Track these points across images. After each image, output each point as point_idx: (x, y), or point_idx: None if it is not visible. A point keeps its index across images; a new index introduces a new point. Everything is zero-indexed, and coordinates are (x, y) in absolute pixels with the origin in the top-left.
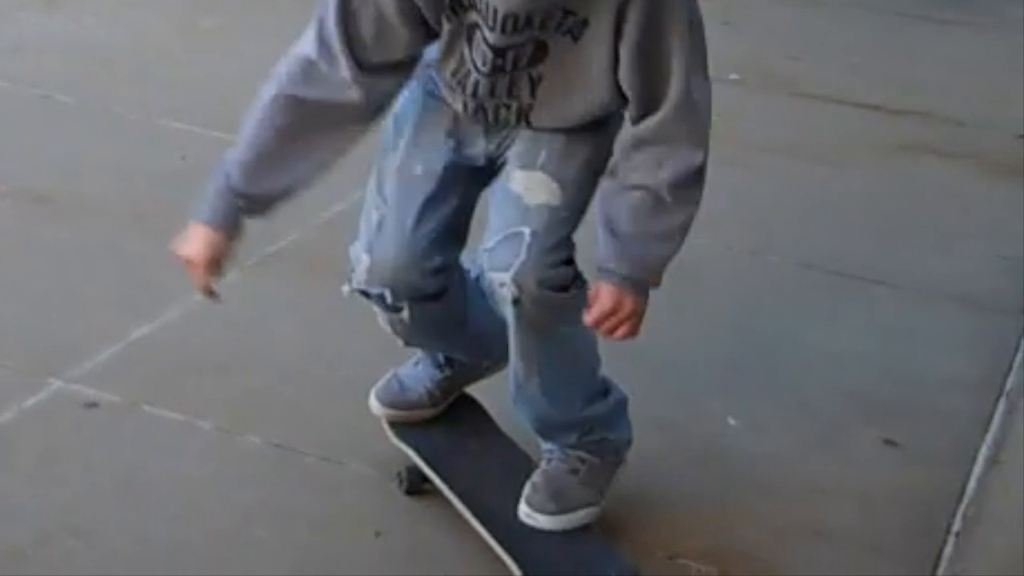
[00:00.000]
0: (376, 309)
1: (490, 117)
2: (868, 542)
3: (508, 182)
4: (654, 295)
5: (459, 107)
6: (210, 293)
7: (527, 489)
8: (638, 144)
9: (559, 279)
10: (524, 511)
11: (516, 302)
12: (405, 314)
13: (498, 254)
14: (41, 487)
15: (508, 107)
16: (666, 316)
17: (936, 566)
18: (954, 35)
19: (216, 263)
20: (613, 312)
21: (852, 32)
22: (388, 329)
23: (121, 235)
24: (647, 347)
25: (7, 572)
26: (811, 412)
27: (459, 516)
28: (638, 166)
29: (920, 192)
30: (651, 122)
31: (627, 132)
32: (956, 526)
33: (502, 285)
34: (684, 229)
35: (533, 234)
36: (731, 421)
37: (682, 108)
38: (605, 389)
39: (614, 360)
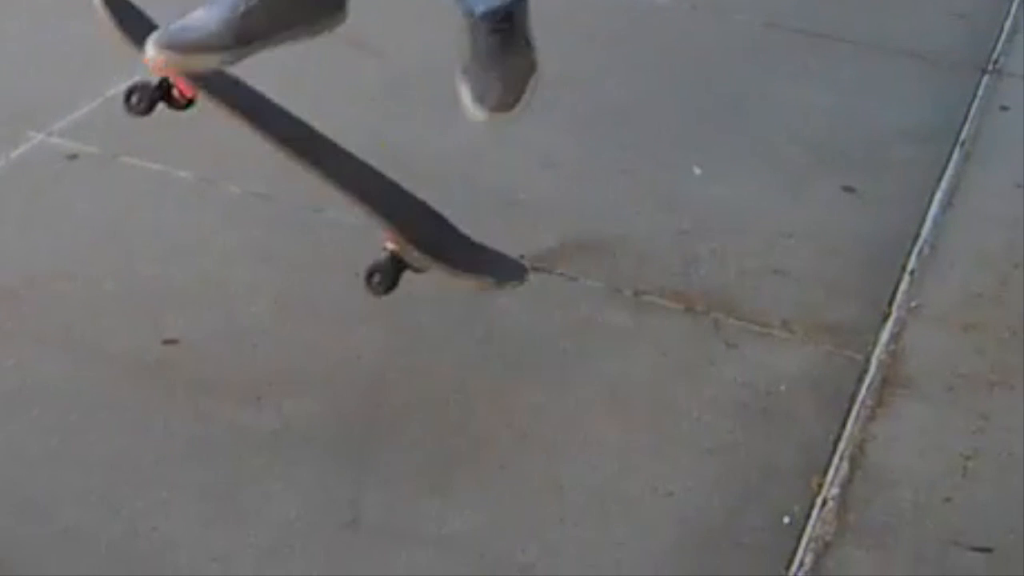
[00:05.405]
0: None
1: None
2: (828, 281)
3: None
4: (619, 53)
5: None
6: None
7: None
8: None
9: None
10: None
11: None
12: None
13: None
14: (28, 233)
15: None
16: (631, 72)
17: (892, 302)
18: None
19: None
20: None
21: None
22: None
23: None
24: (613, 101)
25: (1, 311)
26: (774, 161)
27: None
28: None
29: None
30: None
31: None
32: (911, 264)
33: None
34: None
35: None
36: (696, 170)
37: None
38: None
39: (582, 107)
